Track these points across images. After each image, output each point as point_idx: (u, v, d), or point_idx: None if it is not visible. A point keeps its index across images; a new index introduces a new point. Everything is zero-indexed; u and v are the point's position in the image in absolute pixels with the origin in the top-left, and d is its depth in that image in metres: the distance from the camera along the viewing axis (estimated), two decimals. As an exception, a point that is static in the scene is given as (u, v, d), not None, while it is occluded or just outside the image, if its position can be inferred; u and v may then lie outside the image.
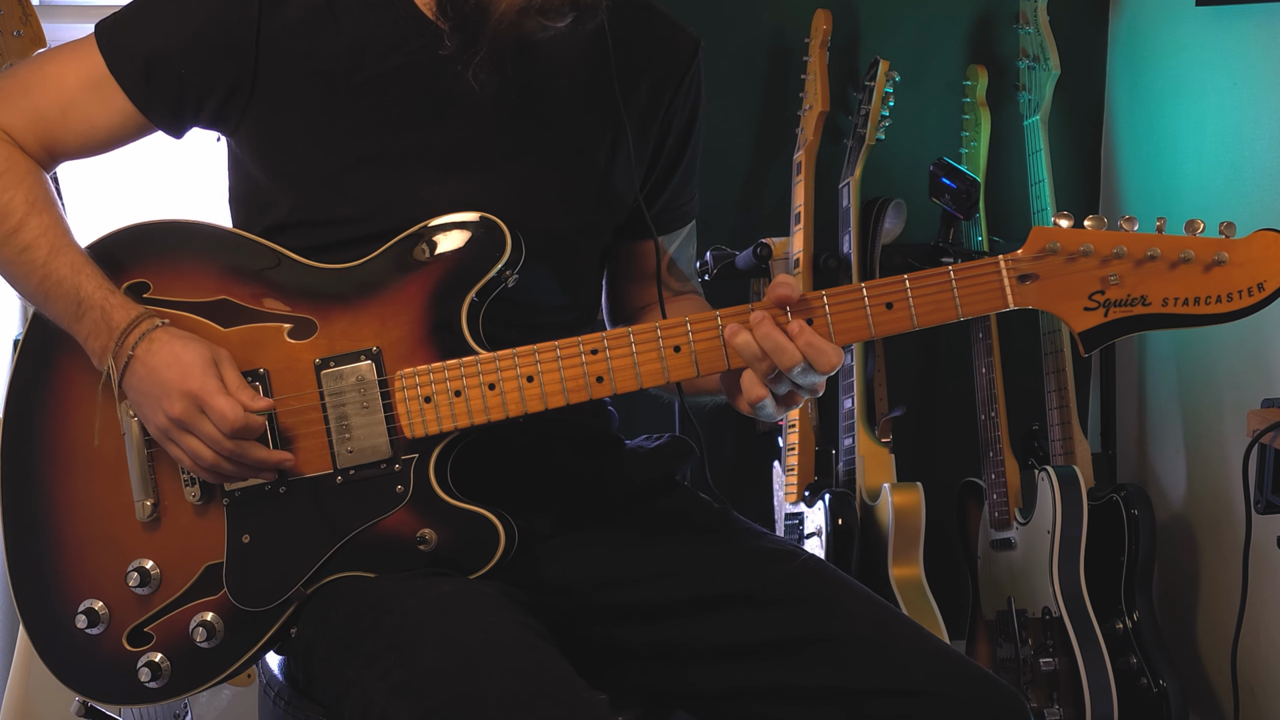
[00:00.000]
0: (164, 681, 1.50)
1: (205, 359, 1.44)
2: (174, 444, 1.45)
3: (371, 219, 1.51)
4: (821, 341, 1.37)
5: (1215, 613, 2.69)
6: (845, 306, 1.40)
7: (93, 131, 1.55)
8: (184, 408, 1.42)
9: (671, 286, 1.71)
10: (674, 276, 1.71)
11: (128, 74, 1.52)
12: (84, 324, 1.48)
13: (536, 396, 1.44)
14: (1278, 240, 1.34)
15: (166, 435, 1.45)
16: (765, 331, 1.38)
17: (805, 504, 2.62)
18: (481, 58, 1.46)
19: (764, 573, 1.54)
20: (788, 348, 1.37)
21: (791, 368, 1.37)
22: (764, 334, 1.38)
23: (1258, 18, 2.47)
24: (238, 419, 1.41)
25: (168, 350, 1.44)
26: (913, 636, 1.50)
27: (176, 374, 1.43)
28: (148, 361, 1.44)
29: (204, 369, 1.43)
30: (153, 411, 1.45)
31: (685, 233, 1.73)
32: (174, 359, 1.43)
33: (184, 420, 1.42)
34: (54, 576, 1.53)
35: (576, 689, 1.32)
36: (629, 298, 1.72)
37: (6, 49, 2.33)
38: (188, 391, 1.42)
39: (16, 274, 1.52)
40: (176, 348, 1.44)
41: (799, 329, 1.37)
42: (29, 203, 1.51)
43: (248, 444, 1.44)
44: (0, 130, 1.54)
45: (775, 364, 1.38)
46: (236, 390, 1.43)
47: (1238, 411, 2.50)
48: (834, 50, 2.74)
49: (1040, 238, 1.38)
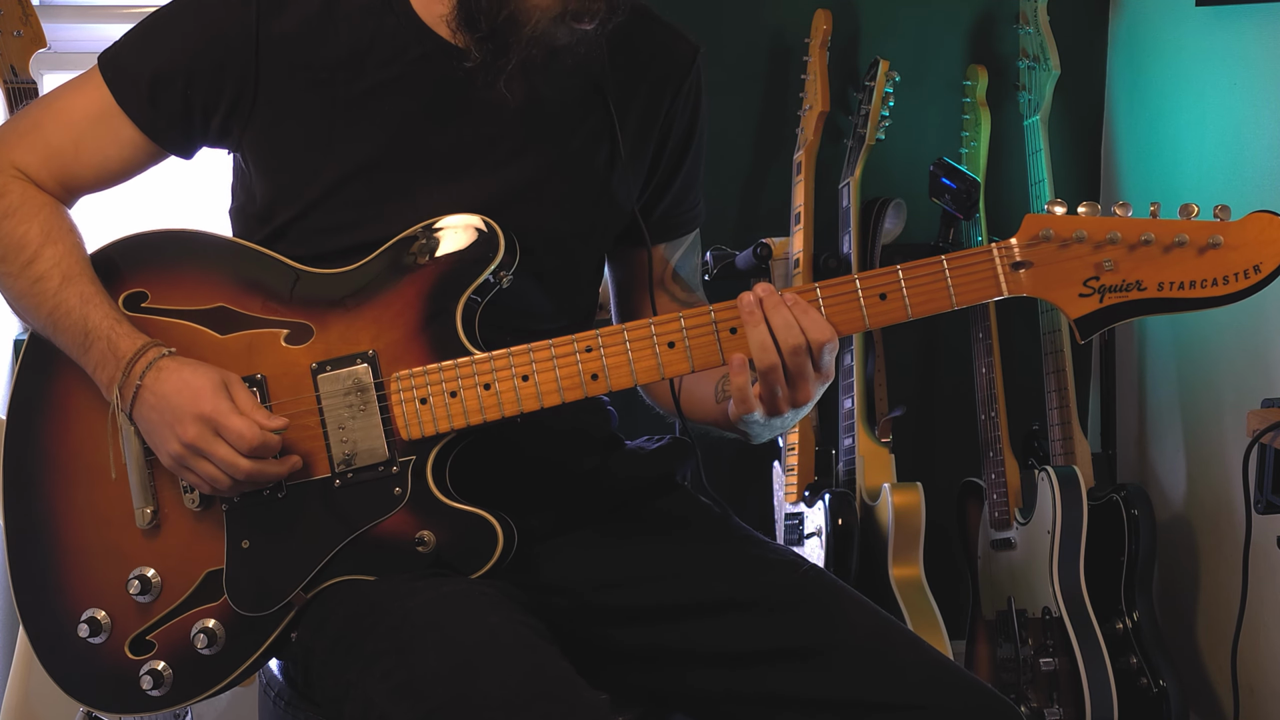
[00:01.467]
0: (166, 690, 1.50)
1: (215, 382, 1.44)
2: (189, 471, 1.45)
3: (370, 227, 1.51)
4: (814, 311, 1.38)
5: (1215, 613, 2.69)
6: (839, 298, 1.40)
7: (105, 163, 1.56)
8: (198, 432, 1.42)
9: (678, 296, 1.71)
10: (679, 285, 1.71)
11: (133, 101, 1.53)
12: (91, 355, 1.48)
13: (532, 396, 1.44)
14: (1273, 222, 1.33)
15: (181, 463, 1.45)
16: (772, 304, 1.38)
17: (805, 504, 2.62)
18: (515, 68, 1.47)
19: (765, 580, 1.55)
20: (787, 318, 1.38)
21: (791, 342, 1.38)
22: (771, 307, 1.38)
23: (1258, 18, 2.47)
24: (255, 437, 1.42)
25: (176, 377, 1.44)
26: (911, 649, 1.50)
27: (187, 399, 1.43)
28: (156, 390, 1.45)
29: (214, 392, 1.43)
30: (165, 439, 1.44)
31: (689, 241, 1.73)
32: (183, 384, 1.44)
33: (197, 445, 1.42)
34: (55, 585, 1.53)
35: (577, 689, 1.32)
36: (636, 306, 1.72)
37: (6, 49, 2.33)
38: (200, 415, 1.42)
39: (28, 306, 1.53)
40: (185, 374, 1.45)
41: (791, 299, 1.38)
42: (44, 234, 1.53)
43: (264, 463, 1.44)
44: (16, 169, 1.56)
45: (778, 339, 1.37)
46: (250, 410, 1.44)
47: (1238, 411, 2.50)
48: (834, 50, 2.74)
49: (1033, 225, 1.37)
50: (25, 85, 2.34)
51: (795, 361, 1.39)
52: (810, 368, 1.39)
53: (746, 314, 1.39)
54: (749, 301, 1.39)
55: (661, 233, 1.69)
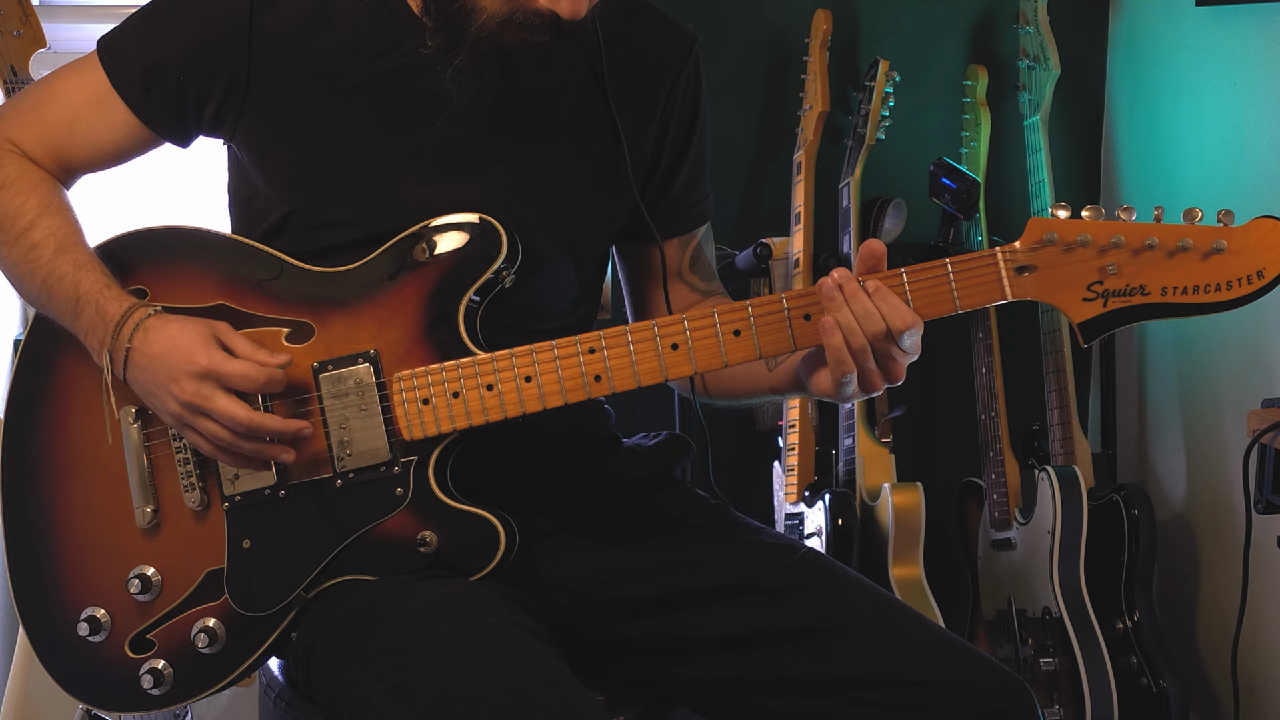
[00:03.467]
0: (166, 688, 1.50)
1: (204, 335, 1.43)
2: (191, 430, 1.45)
3: (366, 221, 1.51)
4: (897, 300, 1.37)
5: (1215, 613, 2.69)
6: None
7: (99, 144, 1.58)
8: (194, 389, 1.41)
9: (697, 286, 1.70)
10: (697, 275, 1.71)
11: (128, 85, 1.54)
12: (82, 320, 1.48)
13: (535, 397, 1.44)
14: (1277, 227, 1.33)
15: (182, 422, 1.44)
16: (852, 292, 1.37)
17: (805, 504, 2.62)
18: (462, 61, 1.47)
19: (764, 565, 1.55)
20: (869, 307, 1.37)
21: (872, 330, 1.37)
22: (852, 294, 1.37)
23: (1258, 18, 2.47)
24: (259, 375, 1.41)
25: (164, 335, 1.44)
26: (915, 625, 1.50)
27: (179, 357, 1.42)
28: (146, 351, 1.44)
29: (205, 345, 1.43)
30: (164, 401, 1.44)
31: (702, 232, 1.72)
32: (173, 343, 1.43)
33: (195, 403, 1.42)
34: (55, 584, 1.53)
35: (572, 691, 1.32)
36: (650, 302, 1.71)
37: (6, 49, 2.33)
38: (195, 371, 1.41)
39: (22, 275, 1.53)
40: (172, 330, 1.44)
41: (874, 287, 1.37)
42: (41, 205, 1.54)
43: (265, 415, 1.43)
44: (14, 145, 1.57)
45: (863, 329, 1.37)
46: (249, 353, 1.43)
47: (1238, 411, 2.50)
48: (834, 50, 2.74)
49: (1037, 229, 1.37)
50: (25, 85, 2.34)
51: (880, 346, 1.38)
52: (898, 350, 1.39)
53: (828, 299, 1.38)
54: (830, 286, 1.38)
55: (673, 225, 1.68)
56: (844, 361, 1.38)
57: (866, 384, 1.40)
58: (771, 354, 1.43)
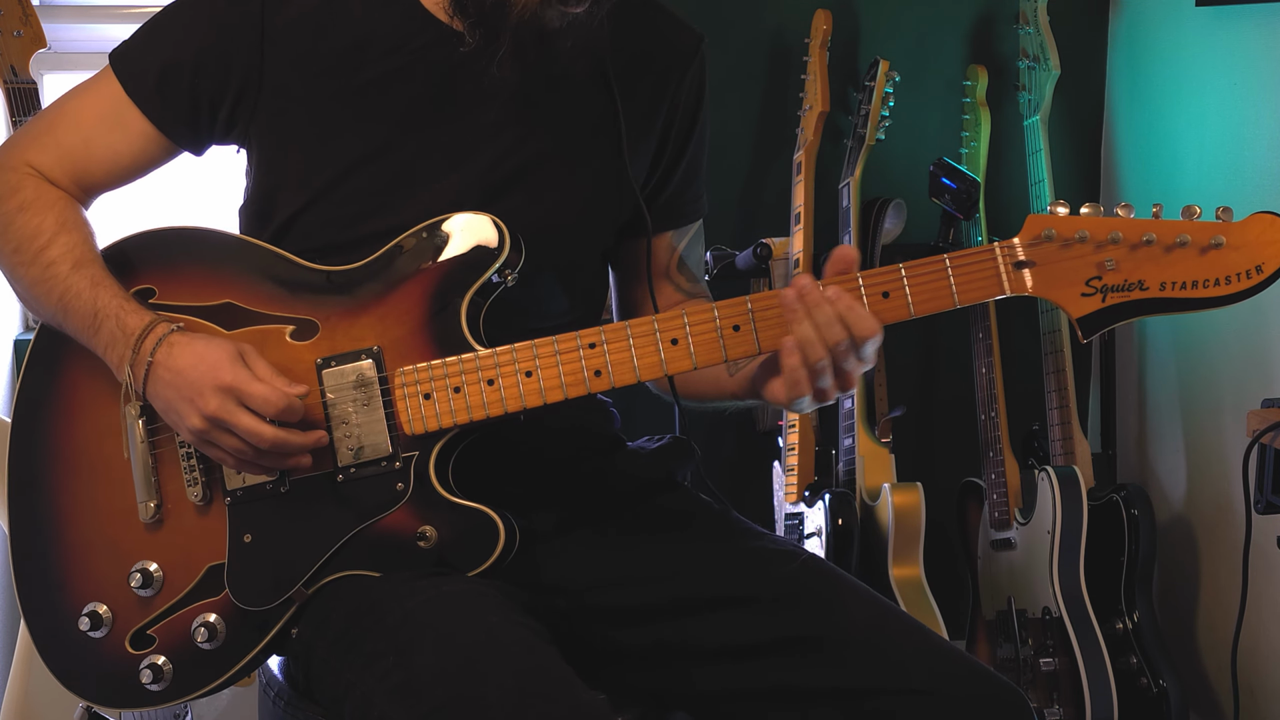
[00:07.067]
0: (166, 684, 1.49)
1: (231, 353, 1.43)
2: (213, 445, 1.44)
3: (374, 218, 1.51)
4: (861, 308, 1.37)
5: (1215, 613, 2.69)
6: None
7: (117, 159, 1.58)
8: (219, 403, 1.41)
9: (682, 287, 1.71)
10: (684, 276, 1.71)
11: (143, 93, 1.55)
12: (101, 335, 1.48)
13: (535, 392, 1.44)
14: (1275, 223, 1.33)
15: (204, 437, 1.44)
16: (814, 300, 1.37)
17: (805, 504, 2.62)
18: (506, 52, 1.47)
19: (764, 573, 1.55)
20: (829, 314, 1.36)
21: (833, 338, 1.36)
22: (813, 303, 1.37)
23: (1258, 18, 2.47)
24: (279, 400, 1.41)
25: (190, 350, 1.44)
26: (913, 634, 1.50)
27: (205, 371, 1.42)
28: (170, 365, 1.44)
29: (232, 362, 1.42)
30: (186, 414, 1.43)
31: (693, 231, 1.73)
32: (198, 358, 1.43)
33: (219, 417, 1.41)
34: (57, 579, 1.53)
35: (575, 689, 1.32)
36: (637, 299, 1.72)
37: (6, 49, 2.34)
38: (221, 386, 1.41)
39: (39, 293, 1.53)
40: (199, 346, 1.44)
41: (834, 294, 1.37)
42: (59, 224, 1.54)
43: (289, 432, 1.43)
44: (32, 168, 1.58)
45: (823, 336, 1.36)
46: (270, 378, 1.43)
47: (1238, 411, 2.50)
48: (834, 50, 2.74)
49: (1036, 224, 1.38)
50: (25, 85, 2.34)
51: (840, 354, 1.38)
52: (854, 359, 1.39)
53: (789, 311, 1.38)
54: (791, 298, 1.37)
55: (666, 220, 1.69)
56: (799, 383, 1.38)
57: (819, 396, 1.40)
58: (773, 350, 1.43)
